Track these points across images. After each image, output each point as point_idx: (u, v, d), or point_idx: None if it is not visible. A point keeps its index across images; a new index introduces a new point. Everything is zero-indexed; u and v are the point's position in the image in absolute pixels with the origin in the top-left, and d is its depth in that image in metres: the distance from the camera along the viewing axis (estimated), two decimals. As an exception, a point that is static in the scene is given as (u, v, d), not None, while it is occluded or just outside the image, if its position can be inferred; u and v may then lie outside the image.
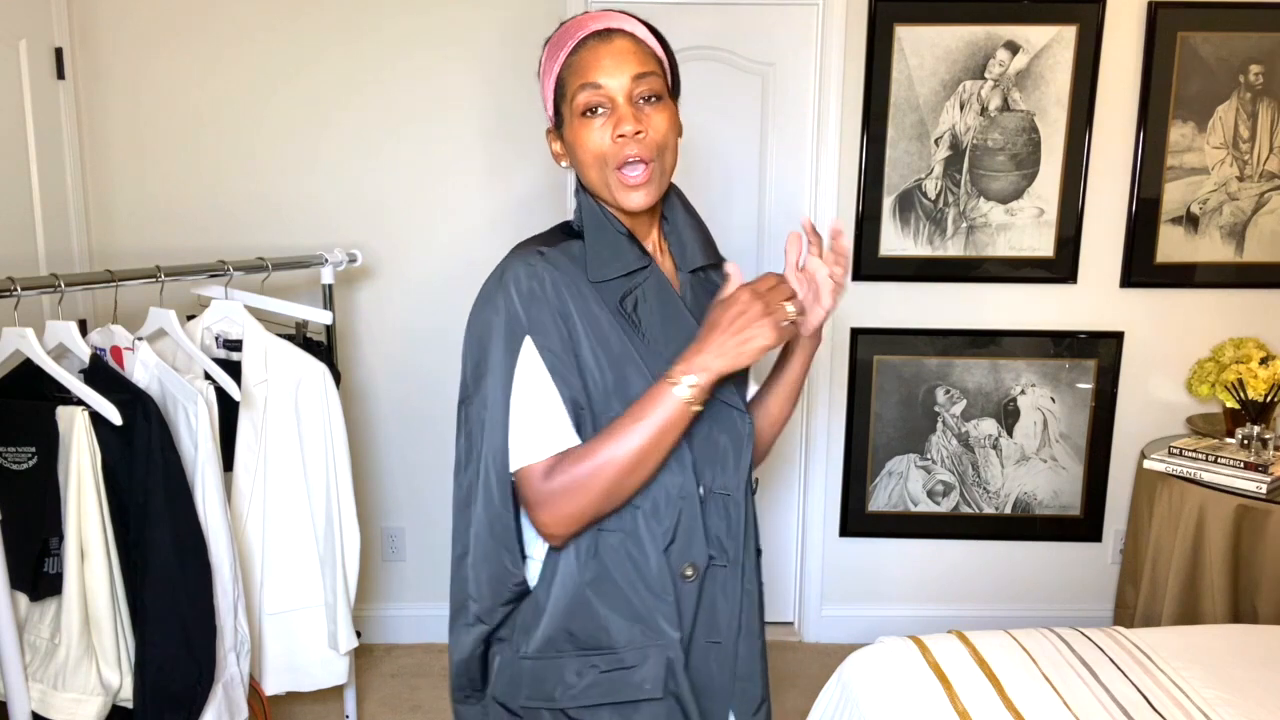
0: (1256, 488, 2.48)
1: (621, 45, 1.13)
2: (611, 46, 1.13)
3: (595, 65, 1.12)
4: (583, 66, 1.13)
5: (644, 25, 1.19)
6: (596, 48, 1.13)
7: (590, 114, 1.13)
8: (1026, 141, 2.82)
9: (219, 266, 2.16)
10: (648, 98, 1.13)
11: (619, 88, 1.12)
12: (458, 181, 2.85)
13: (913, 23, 2.75)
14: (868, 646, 2.00)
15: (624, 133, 1.12)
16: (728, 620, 1.22)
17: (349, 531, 2.24)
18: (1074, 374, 2.96)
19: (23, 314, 1.77)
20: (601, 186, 1.17)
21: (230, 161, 2.81)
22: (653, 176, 1.15)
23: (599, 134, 1.13)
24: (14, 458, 1.78)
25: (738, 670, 1.24)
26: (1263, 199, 2.85)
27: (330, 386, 2.20)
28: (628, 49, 1.13)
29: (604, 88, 1.12)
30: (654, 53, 1.17)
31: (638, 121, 1.12)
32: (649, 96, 1.14)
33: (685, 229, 1.27)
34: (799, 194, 2.89)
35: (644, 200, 1.15)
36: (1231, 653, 1.94)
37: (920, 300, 2.93)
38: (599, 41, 1.14)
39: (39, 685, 1.81)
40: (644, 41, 1.16)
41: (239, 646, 2.00)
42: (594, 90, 1.12)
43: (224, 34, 2.75)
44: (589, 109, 1.13)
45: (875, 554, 3.10)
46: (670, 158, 1.17)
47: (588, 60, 1.13)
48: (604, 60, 1.12)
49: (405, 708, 2.73)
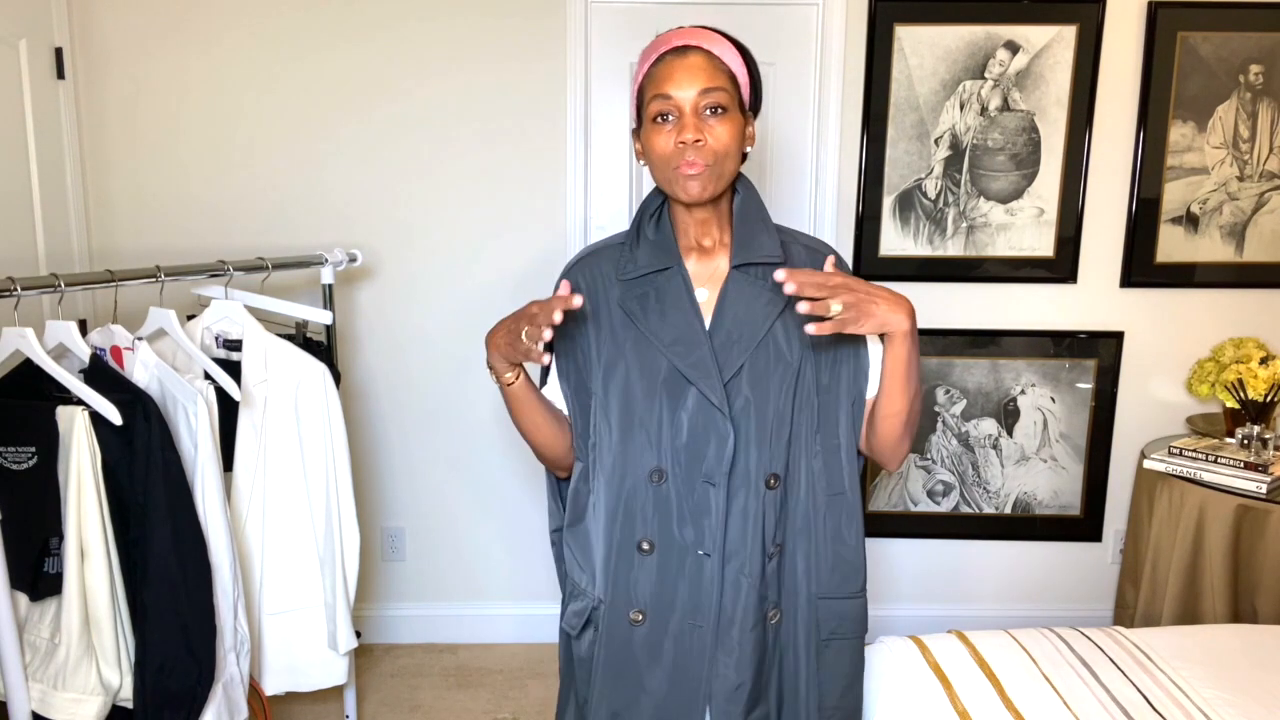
0: (1256, 488, 2.49)
1: (694, 61, 1.26)
2: (685, 62, 1.26)
3: (669, 78, 1.26)
4: (659, 78, 1.27)
5: (729, 42, 1.30)
6: (672, 62, 1.27)
7: (661, 120, 1.27)
8: (1026, 141, 2.82)
9: (219, 266, 2.16)
10: (714, 109, 1.26)
11: (686, 99, 1.26)
12: (458, 182, 2.85)
13: (913, 22, 2.76)
14: (868, 646, 2.00)
15: (685, 139, 1.25)
16: (710, 606, 1.33)
17: (349, 531, 2.24)
18: (1074, 374, 2.96)
19: (23, 314, 1.77)
20: (665, 182, 1.30)
21: (230, 161, 2.81)
22: (709, 173, 1.27)
23: (665, 139, 1.27)
24: (14, 458, 1.78)
25: (718, 658, 1.34)
26: (1263, 199, 2.85)
27: (330, 386, 2.20)
28: (699, 65, 1.26)
29: (673, 98, 1.26)
30: (727, 69, 1.28)
31: (699, 131, 1.25)
32: (714, 108, 1.26)
33: (740, 226, 1.36)
34: (799, 194, 2.89)
35: (698, 190, 1.27)
36: (1231, 653, 1.94)
37: (920, 300, 2.93)
38: (675, 57, 1.27)
39: (39, 685, 1.81)
40: (719, 58, 1.28)
41: (239, 646, 2.00)
42: (664, 100, 1.26)
43: (224, 34, 2.75)
44: (660, 116, 1.27)
45: (875, 554, 3.10)
46: (730, 164, 1.29)
47: (664, 73, 1.27)
48: (676, 74, 1.26)
49: (405, 708, 2.73)
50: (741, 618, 1.33)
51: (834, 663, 1.40)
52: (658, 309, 1.33)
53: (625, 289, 1.35)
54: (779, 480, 1.33)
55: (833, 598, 1.38)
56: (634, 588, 1.35)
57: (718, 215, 1.35)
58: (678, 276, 1.34)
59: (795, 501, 1.35)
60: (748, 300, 1.32)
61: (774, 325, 1.32)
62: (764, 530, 1.33)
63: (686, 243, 1.37)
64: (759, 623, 1.34)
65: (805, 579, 1.37)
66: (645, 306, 1.33)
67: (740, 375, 1.31)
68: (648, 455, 1.33)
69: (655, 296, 1.33)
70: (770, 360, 1.32)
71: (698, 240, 1.36)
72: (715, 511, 1.31)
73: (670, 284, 1.34)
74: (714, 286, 1.36)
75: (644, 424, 1.33)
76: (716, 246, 1.36)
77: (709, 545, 1.32)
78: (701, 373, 1.29)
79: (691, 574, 1.33)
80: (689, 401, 1.31)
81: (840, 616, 1.39)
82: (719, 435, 1.30)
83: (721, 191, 1.31)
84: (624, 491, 1.35)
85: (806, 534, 1.36)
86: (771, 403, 1.31)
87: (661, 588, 1.35)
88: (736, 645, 1.33)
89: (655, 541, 1.34)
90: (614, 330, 1.35)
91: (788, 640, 1.38)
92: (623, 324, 1.35)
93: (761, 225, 1.35)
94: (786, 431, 1.33)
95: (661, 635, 1.35)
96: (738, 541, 1.32)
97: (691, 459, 1.32)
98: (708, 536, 1.32)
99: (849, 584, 1.39)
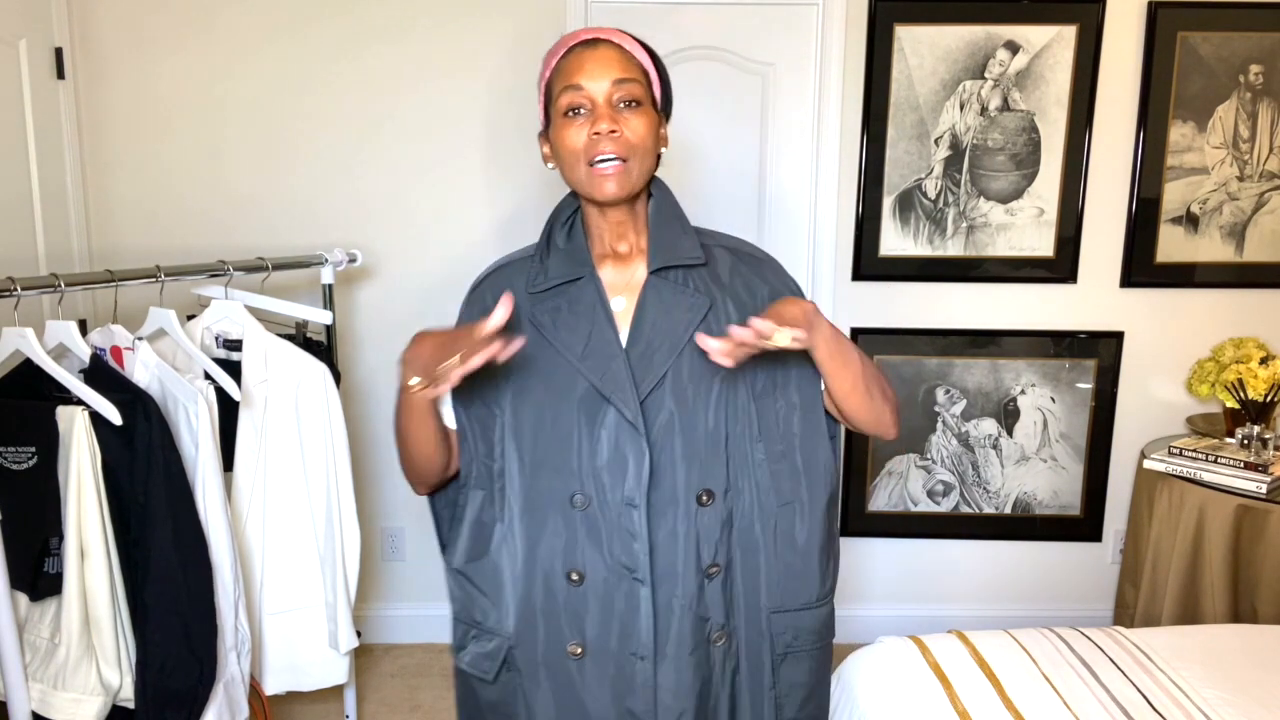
0: (1256, 488, 2.49)
1: (605, 53, 1.20)
2: (595, 53, 1.20)
3: (579, 69, 1.20)
4: (569, 70, 1.20)
5: (636, 41, 1.25)
6: (582, 54, 1.21)
7: (572, 114, 1.20)
8: (1026, 141, 2.82)
9: (219, 266, 2.16)
10: (628, 102, 1.20)
11: (599, 90, 1.19)
12: (458, 182, 2.85)
13: (913, 22, 2.76)
14: (868, 646, 2.00)
15: (599, 130, 1.17)
16: (646, 636, 1.24)
17: (349, 531, 2.24)
18: (1074, 374, 2.96)
19: (23, 314, 1.77)
20: (577, 183, 1.23)
21: (231, 161, 2.81)
22: (625, 171, 1.19)
23: (577, 132, 1.19)
24: (14, 458, 1.78)
25: (660, 685, 1.25)
26: (1263, 199, 2.85)
27: (330, 386, 2.20)
28: (611, 56, 1.20)
29: (585, 89, 1.19)
30: (639, 63, 1.22)
31: (614, 121, 1.18)
32: (628, 101, 1.20)
33: (657, 229, 1.28)
34: (799, 194, 2.89)
35: (614, 190, 1.20)
36: (1231, 653, 1.94)
37: (920, 300, 2.93)
38: (585, 49, 1.21)
39: (39, 685, 1.81)
40: (629, 52, 1.22)
41: (239, 646, 2.00)
42: (575, 91, 1.19)
43: (224, 34, 2.75)
44: (571, 109, 1.20)
45: (875, 554, 3.10)
46: (646, 161, 1.22)
47: (574, 65, 1.20)
48: (588, 65, 1.20)
49: (405, 708, 2.73)
50: (677, 644, 1.25)
51: (791, 675, 1.32)
52: (569, 322, 1.23)
53: (535, 302, 1.25)
54: (713, 496, 1.24)
55: (787, 610, 1.30)
56: (569, 620, 1.26)
57: (633, 218, 1.27)
58: (590, 286, 1.25)
59: (740, 515, 1.27)
60: (668, 306, 1.24)
61: (698, 331, 1.24)
62: (698, 550, 1.24)
63: (601, 250, 1.28)
64: (699, 646, 1.26)
65: (756, 594, 1.29)
66: (556, 320, 1.24)
67: (663, 386, 1.22)
68: (567, 479, 1.23)
69: (568, 308, 1.24)
70: (696, 369, 1.23)
71: (613, 246, 1.28)
72: (641, 534, 1.22)
73: (583, 294, 1.24)
74: (632, 294, 1.27)
75: (561, 446, 1.23)
76: (633, 252, 1.28)
77: (640, 571, 1.23)
78: (615, 388, 1.21)
79: (625, 602, 1.24)
80: (608, 419, 1.21)
81: (797, 629, 1.31)
82: (637, 454, 1.21)
83: (638, 191, 1.23)
84: (544, 519, 1.25)
85: (755, 548, 1.28)
86: (700, 414, 1.23)
87: (596, 618, 1.25)
88: (674, 672, 1.25)
89: (584, 571, 1.24)
90: (525, 347, 1.25)
91: (739, 659, 1.30)
92: (535, 340, 1.25)
93: (679, 227, 1.28)
94: (721, 443, 1.24)
95: (604, 666, 1.26)
96: (668, 564, 1.23)
97: (614, 480, 1.22)
98: (639, 561, 1.22)
99: (805, 594, 1.31)
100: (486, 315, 1.22)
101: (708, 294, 1.25)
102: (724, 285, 1.27)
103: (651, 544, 1.23)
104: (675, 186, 2.87)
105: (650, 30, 2.78)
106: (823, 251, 2.88)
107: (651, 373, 1.22)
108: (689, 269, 1.26)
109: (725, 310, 1.26)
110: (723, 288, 1.27)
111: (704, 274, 1.27)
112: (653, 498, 1.23)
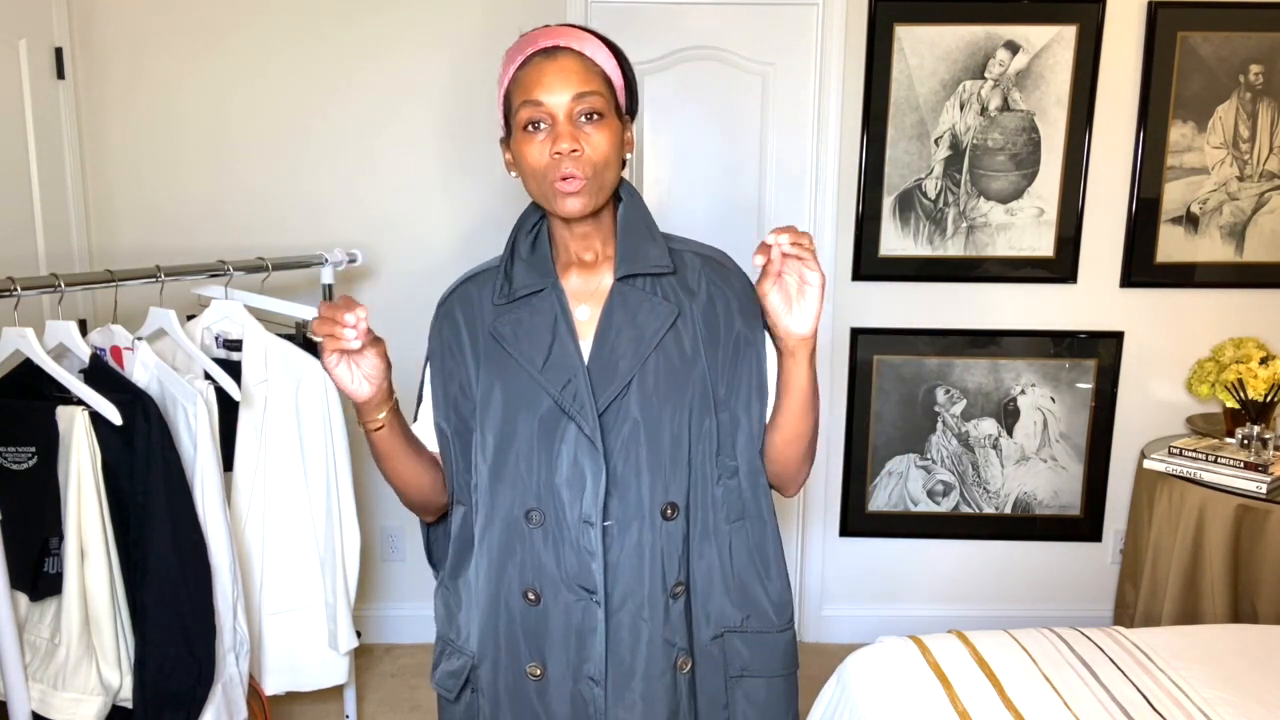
0: (1256, 488, 2.48)
1: (565, 63, 1.15)
2: (555, 64, 1.15)
3: (538, 82, 1.15)
4: (527, 83, 1.16)
5: (600, 41, 1.20)
6: (541, 65, 1.15)
7: (532, 129, 1.16)
8: (1026, 141, 2.82)
9: (219, 266, 2.16)
10: (589, 115, 1.15)
11: (559, 105, 1.14)
12: (458, 182, 2.85)
13: (913, 22, 2.75)
14: (868, 646, 2.00)
15: (560, 150, 1.14)
16: (598, 658, 1.20)
17: (349, 531, 2.24)
18: (1074, 374, 2.96)
19: (23, 314, 1.77)
20: (541, 197, 1.20)
21: (230, 161, 2.81)
22: (587, 188, 1.16)
23: (539, 149, 1.16)
24: (14, 458, 1.78)
25: (617, 714, 1.20)
26: (1263, 199, 2.85)
27: (330, 386, 2.20)
28: (571, 67, 1.15)
29: (544, 105, 1.14)
30: (601, 71, 1.18)
31: (575, 140, 1.14)
32: (590, 114, 1.15)
33: (625, 237, 1.24)
34: (799, 194, 2.89)
35: (578, 206, 1.17)
36: (1231, 653, 1.94)
37: (920, 300, 2.93)
38: (544, 59, 1.16)
39: (39, 685, 1.81)
40: (591, 60, 1.17)
41: (238, 646, 2.00)
42: (534, 107, 1.15)
43: (224, 34, 2.75)
44: (530, 124, 1.16)
45: (875, 554, 3.10)
46: (610, 174, 1.18)
47: (532, 77, 1.15)
48: (546, 77, 1.14)
49: (405, 708, 2.73)
50: (645, 667, 1.19)
51: (748, 699, 1.27)
52: (530, 334, 1.20)
53: (498, 314, 1.23)
54: (677, 510, 1.20)
55: (740, 631, 1.26)
56: (528, 641, 1.22)
57: (599, 228, 1.24)
58: (551, 296, 1.22)
59: (696, 532, 1.23)
60: (633, 313, 1.20)
61: (665, 339, 1.20)
62: (663, 568, 1.19)
63: (566, 259, 1.25)
64: (667, 671, 1.20)
65: (712, 616, 1.24)
66: (518, 331, 1.21)
67: (627, 395, 1.18)
68: (524, 495, 1.20)
69: (529, 320, 1.21)
70: (662, 377, 1.19)
71: (578, 255, 1.25)
72: (598, 553, 1.18)
73: (544, 305, 1.21)
74: (597, 302, 1.23)
75: (518, 460, 1.20)
76: (599, 260, 1.25)
77: (599, 592, 1.18)
78: (575, 402, 1.17)
79: (583, 623, 1.20)
80: (568, 434, 1.18)
81: (752, 652, 1.26)
82: (595, 470, 1.17)
83: (603, 204, 1.20)
84: (503, 536, 1.22)
85: (710, 568, 1.24)
86: (666, 424, 1.19)
87: (556, 640, 1.21)
88: (640, 699, 1.20)
89: (540, 591, 1.21)
90: (490, 360, 1.23)
91: (701, 686, 1.25)
92: (497, 353, 1.22)
93: (647, 234, 1.24)
94: (685, 455, 1.20)
95: (562, 689, 1.21)
96: (633, 582, 1.19)
97: (573, 496, 1.18)
98: (596, 581, 1.18)
99: (759, 619, 1.26)
100: (455, 330, 1.25)
101: (676, 302, 1.22)
102: (693, 293, 1.24)
103: (615, 561, 1.19)
104: (674, 186, 2.88)
105: (650, 30, 2.78)
106: (823, 251, 2.88)
107: (615, 381, 1.18)
108: (657, 277, 1.23)
109: (693, 318, 1.22)
110: (692, 295, 1.23)
111: (673, 282, 1.24)
112: (617, 512, 1.19)
